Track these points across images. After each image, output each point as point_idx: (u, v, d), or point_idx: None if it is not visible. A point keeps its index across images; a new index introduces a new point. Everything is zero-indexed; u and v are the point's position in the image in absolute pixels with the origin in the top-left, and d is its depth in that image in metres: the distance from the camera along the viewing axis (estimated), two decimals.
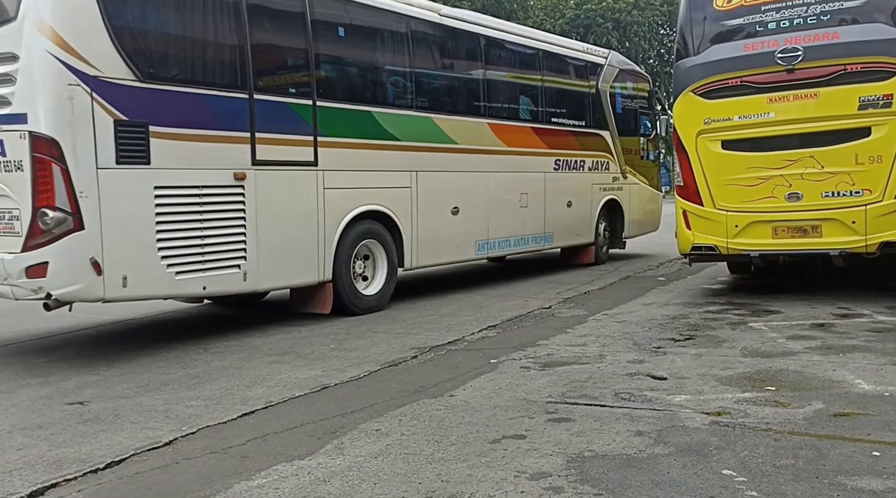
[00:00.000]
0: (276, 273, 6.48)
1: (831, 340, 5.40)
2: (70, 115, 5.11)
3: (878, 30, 6.50)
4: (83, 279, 5.24)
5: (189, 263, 5.80)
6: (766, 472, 3.05)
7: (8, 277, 5.24)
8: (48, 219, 5.08)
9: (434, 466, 3.27)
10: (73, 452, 3.65)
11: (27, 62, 5.11)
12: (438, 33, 8.27)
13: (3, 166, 5.27)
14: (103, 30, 5.26)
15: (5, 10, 5.23)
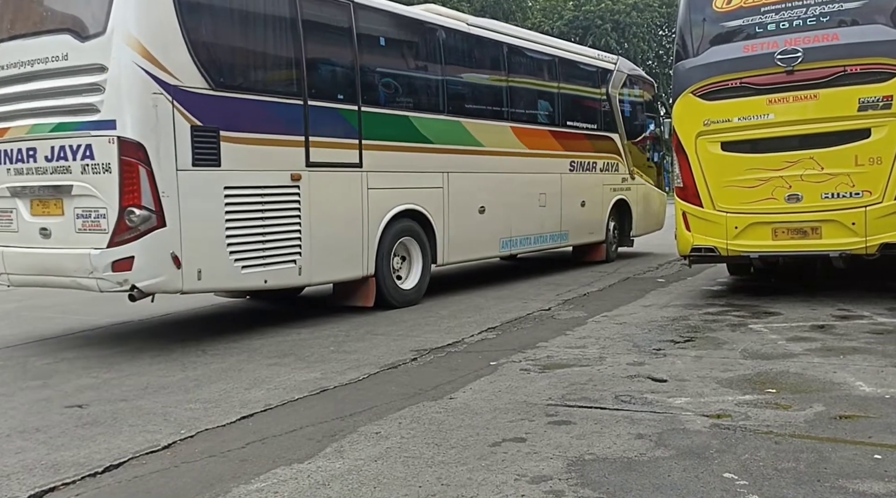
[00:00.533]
0: (326, 268, 6.89)
1: (832, 342, 5.39)
2: (154, 121, 5.56)
3: (877, 31, 6.50)
4: (165, 272, 5.69)
5: (253, 258, 6.23)
6: (768, 475, 3.04)
7: (94, 271, 5.63)
8: (134, 217, 5.52)
9: (434, 469, 3.26)
10: (72, 455, 3.64)
11: (116, 73, 5.51)
12: (466, 42, 8.79)
13: (90, 169, 5.65)
14: (182, 43, 5.72)
15: (95, 25, 5.60)
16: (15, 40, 6.03)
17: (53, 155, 5.81)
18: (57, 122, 5.79)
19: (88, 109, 5.63)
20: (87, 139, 5.64)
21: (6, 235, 6.24)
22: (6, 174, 6.14)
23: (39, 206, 6.02)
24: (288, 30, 6.57)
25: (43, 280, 6.21)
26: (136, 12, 5.55)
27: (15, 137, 6.04)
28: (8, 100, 6.08)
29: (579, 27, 50.23)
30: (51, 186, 5.89)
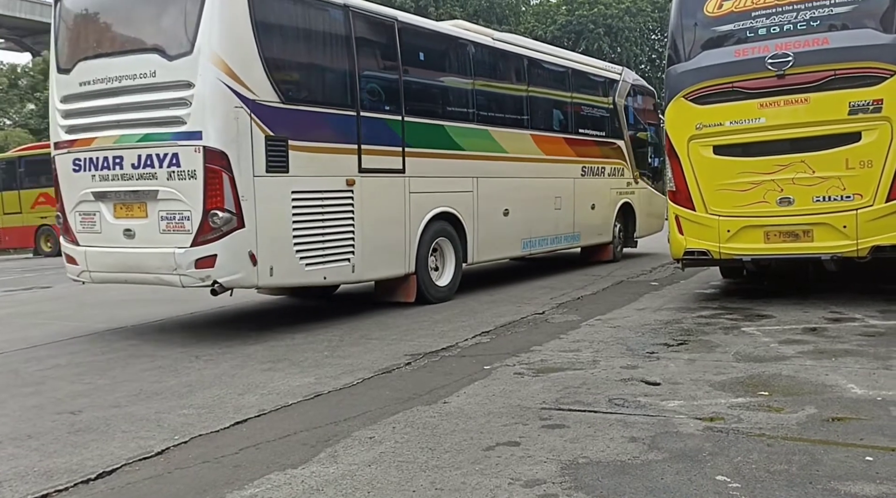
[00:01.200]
0: (374, 266, 7.47)
1: (824, 345, 5.41)
2: (235, 132, 6.12)
3: (867, 35, 6.54)
4: (243, 269, 6.23)
5: (314, 256, 6.78)
6: (760, 477, 3.05)
7: (178, 268, 6.20)
8: (217, 219, 6.07)
9: (428, 473, 3.26)
10: (65, 462, 3.63)
11: (202, 88, 6.06)
12: (492, 56, 9.44)
13: (176, 175, 6.19)
14: (258, 61, 6.29)
15: (182, 46, 6.16)
16: (101, 58, 6.55)
17: (140, 163, 6.35)
18: (144, 133, 6.32)
19: (175, 121, 6.17)
20: (173, 148, 6.17)
21: (89, 236, 6.81)
22: (91, 180, 6.68)
23: (123, 209, 6.57)
24: (343, 47, 7.17)
25: (124, 277, 6.76)
26: (220, 35, 6.11)
27: (101, 146, 6.56)
28: (94, 112, 6.61)
29: (572, 31, 50.37)
30: (136, 191, 6.41)
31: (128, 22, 6.66)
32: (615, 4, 50.01)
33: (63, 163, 6.90)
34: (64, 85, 6.85)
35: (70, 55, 6.84)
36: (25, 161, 24.61)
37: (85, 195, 6.76)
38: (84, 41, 6.78)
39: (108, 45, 6.60)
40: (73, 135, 6.80)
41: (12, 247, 25.37)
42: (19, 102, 45.01)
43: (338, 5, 7.16)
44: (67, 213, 6.98)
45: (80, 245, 6.92)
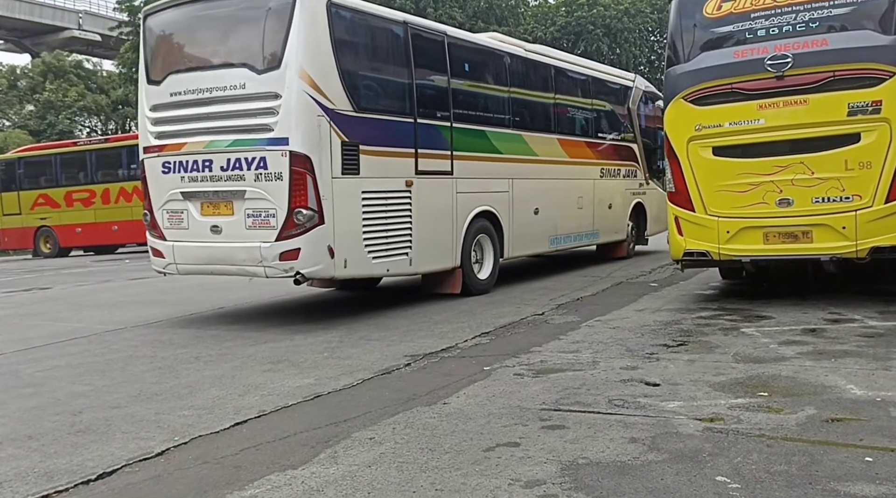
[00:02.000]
0: (428, 260, 8.11)
1: (823, 346, 5.41)
2: (318, 138, 6.76)
3: (866, 36, 6.54)
4: (323, 261, 6.84)
5: (380, 250, 7.41)
6: (760, 478, 3.05)
7: (263, 260, 6.83)
8: (301, 216, 6.68)
9: (428, 474, 3.27)
10: (65, 463, 3.63)
11: (288, 99, 6.71)
12: (524, 65, 10.14)
13: (263, 177, 6.81)
14: (337, 74, 6.95)
15: (271, 62, 6.83)
16: (193, 72, 7.23)
17: (229, 166, 6.97)
18: (233, 139, 6.95)
19: (263, 129, 6.79)
20: (261, 152, 6.80)
21: (177, 232, 7.44)
22: (180, 181, 7.30)
23: (210, 208, 7.21)
24: (403, 60, 7.89)
25: (210, 269, 7.44)
26: (305, 51, 6.76)
27: (191, 151, 7.19)
28: (184, 120, 7.26)
29: (571, 33, 50.38)
30: (224, 191, 7.04)
31: (218, 40, 7.35)
32: (614, 6, 50.01)
33: (152, 165, 7.52)
34: (154, 95, 7.52)
35: (160, 69, 7.53)
36: (25, 162, 24.61)
37: (173, 194, 7.39)
38: (174, 56, 7.56)
39: (200, 60, 7.32)
40: (163, 140, 7.43)
41: (11, 248, 25.36)
42: (18, 103, 44.97)
43: (398, 22, 7.96)
44: (155, 211, 7.59)
45: (168, 240, 7.55)
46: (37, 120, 41.51)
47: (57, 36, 49.80)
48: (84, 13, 51.13)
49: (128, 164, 23.06)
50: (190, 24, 7.60)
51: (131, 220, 22.34)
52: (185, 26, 7.64)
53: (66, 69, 44.12)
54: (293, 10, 6.70)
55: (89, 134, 42.83)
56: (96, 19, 50.90)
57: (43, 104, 41.56)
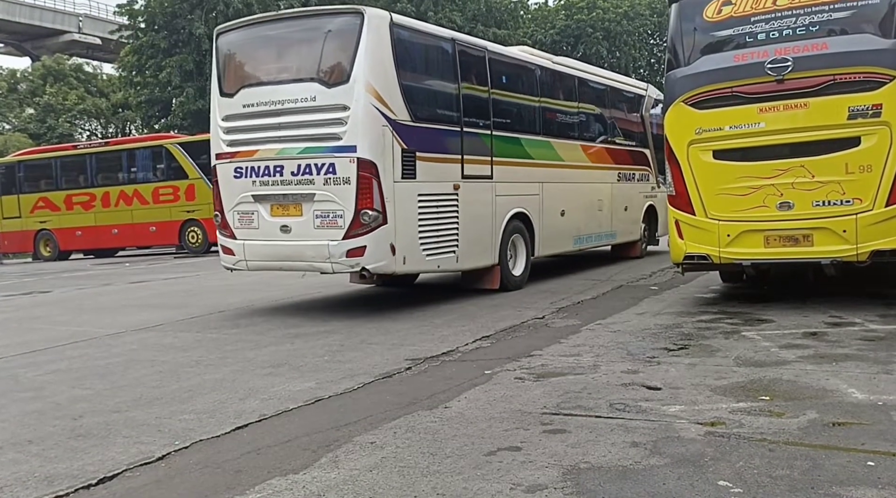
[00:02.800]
0: (471, 257, 8.69)
1: (824, 349, 5.41)
2: (382, 146, 7.38)
3: (866, 40, 6.54)
4: (386, 258, 7.44)
5: (432, 248, 8.02)
6: (762, 483, 3.05)
7: (330, 257, 7.44)
8: (367, 217, 7.28)
9: (429, 479, 3.26)
10: (65, 467, 3.62)
11: (356, 111, 7.32)
12: (552, 77, 10.86)
13: (332, 181, 7.42)
14: (398, 88, 7.59)
15: (340, 76, 7.49)
16: (265, 86, 7.87)
17: (299, 171, 7.57)
18: (304, 147, 7.55)
19: (332, 137, 7.40)
20: (330, 159, 7.40)
21: (247, 232, 8.00)
22: (251, 185, 7.89)
23: (279, 209, 7.79)
24: (451, 74, 8.54)
25: (278, 265, 8.05)
26: (371, 67, 7.38)
27: (263, 158, 7.79)
28: (256, 129, 7.87)
29: (571, 36, 50.41)
30: (294, 194, 7.64)
31: (288, 57, 8.01)
32: (613, 9, 50.06)
33: (224, 170, 8.12)
34: (226, 106, 8.13)
35: (233, 82, 8.18)
36: (24, 166, 24.61)
37: (244, 197, 7.95)
38: (246, 71, 8.27)
39: (271, 75, 7.95)
40: (235, 148, 8.02)
41: (11, 251, 25.34)
42: (18, 107, 45.00)
43: (447, 39, 8.70)
44: (226, 212, 8.14)
45: (238, 239, 8.09)
46: (37, 123, 41.52)
47: (57, 39, 49.85)
48: (84, 17, 51.19)
49: (128, 167, 23.09)
50: (261, 42, 8.28)
51: (131, 223, 22.38)
52: (257, 44, 8.32)
53: (66, 73, 44.16)
54: (361, 30, 7.37)
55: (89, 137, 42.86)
56: (96, 23, 50.96)
57: (43, 107, 41.58)
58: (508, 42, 41.63)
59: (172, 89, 35.97)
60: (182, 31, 35.30)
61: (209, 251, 21.77)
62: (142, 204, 22.16)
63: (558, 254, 11.39)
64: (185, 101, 35.19)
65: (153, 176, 22.51)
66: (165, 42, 35.38)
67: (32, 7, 48.69)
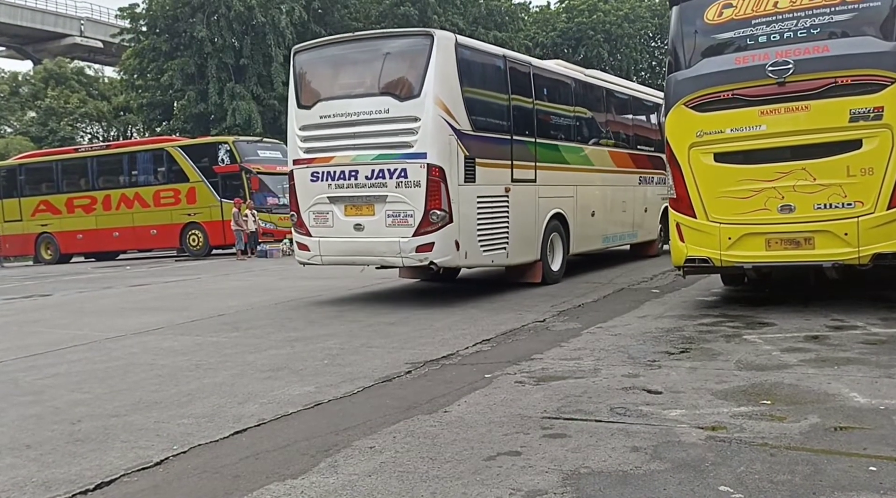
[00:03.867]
0: (519, 253, 9.50)
1: (826, 353, 5.38)
2: (449, 153, 8.24)
3: (867, 43, 6.53)
4: (451, 253, 8.31)
5: (488, 244, 8.87)
6: (763, 488, 3.03)
7: (401, 252, 8.29)
8: (435, 216, 8.14)
9: (429, 484, 3.24)
10: (63, 472, 3.61)
11: (426, 122, 8.18)
12: (584, 88, 11.79)
13: (403, 184, 8.26)
14: (462, 102, 8.48)
15: (411, 91, 8.34)
16: (341, 99, 8.70)
17: (373, 175, 8.39)
18: (378, 154, 8.37)
19: (404, 145, 8.23)
20: (402, 165, 8.24)
21: (322, 230, 8.82)
22: (327, 188, 8.71)
23: (353, 210, 8.62)
24: (503, 87, 9.42)
25: (351, 260, 8.95)
26: (440, 83, 8.24)
27: (339, 163, 8.61)
28: (333, 138, 8.68)
29: (572, 38, 50.42)
30: (368, 196, 8.48)
31: (363, 73, 8.82)
32: (614, 11, 50.08)
33: (301, 175, 8.95)
34: (304, 117, 8.96)
35: (309, 96, 9.02)
36: (26, 169, 24.66)
37: (320, 199, 8.76)
38: (322, 86, 9.07)
39: (347, 90, 8.78)
40: (312, 154, 8.86)
41: (13, 254, 25.36)
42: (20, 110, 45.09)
43: (500, 56, 9.60)
44: (302, 212, 8.95)
45: (313, 236, 8.90)
46: (38, 126, 41.59)
47: (59, 43, 49.96)
48: (86, 20, 51.30)
49: (129, 170, 23.12)
50: (337, 60, 9.16)
51: (132, 226, 22.41)
52: (333, 62, 9.19)
53: (68, 76, 44.27)
54: (431, 50, 8.24)
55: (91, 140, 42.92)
56: (98, 26, 51.07)
57: (44, 111, 41.66)
58: (509, 44, 41.69)
59: (174, 92, 36.03)
60: (183, 35, 35.37)
61: (210, 254, 21.79)
62: (143, 207, 22.20)
63: (588, 252, 11.96)
64: (187, 104, 35.25)
65: (154, 179, 22.54)
66: (167, 45, 35.44)
67: (34, 10, 48.79)
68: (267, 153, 22.14)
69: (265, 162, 21.64)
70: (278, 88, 34.68)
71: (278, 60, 34.66)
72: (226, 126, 33.70)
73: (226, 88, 34.54)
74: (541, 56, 48.16)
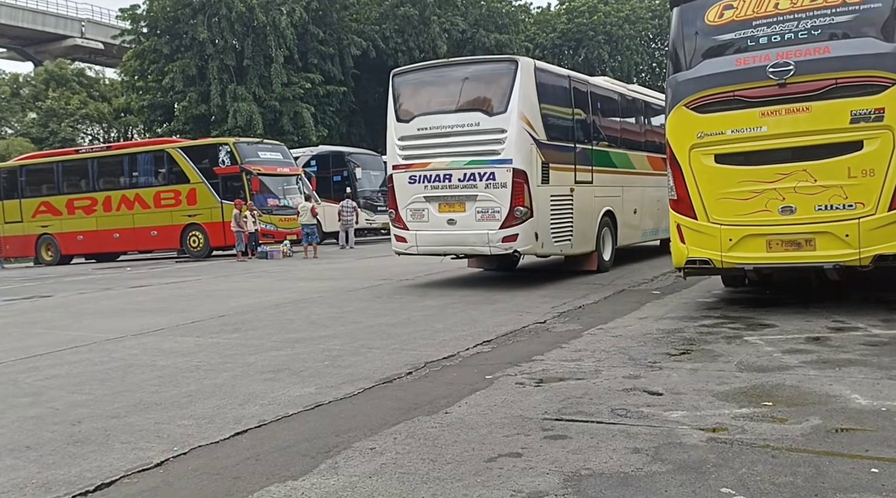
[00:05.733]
0: (580, 244, 11.00)
1: (827, 354, 5.38)
2: (530, 159, 9.78)
3: (868, 44, 6.52)
4: (531, 243, 9.84)
5: (558, 236, 10.40)
6: (765, 490, 3.02)
7: (489, 242, 9.81)
8: (519, 212, 9.63)
9: (429, 485, 3.23)
10: (63, 473, 3.60)
11: (511, 133, 9.68)
12: (627, 100, 13.51)
13: (491, 186, 9.75)
14: (539, 115, 10.03)
15: (499, 108, 9.86)
16: (436, 114, 10.22)
17: (465, 178, 9.89)
18: (469, 159, 9.87)
19: (493, 153, 9.73)
20: (491, 169, 9.73)
21: (419, 224, 10.29)
22: (423, 189, 10.18)
23: (446, 207, 10.09)
24: (568, 103, 10.97)
25: (443, 249, 10.55)
26: (523, 101, 9.76)
27: (435, 168, 10.09)
28: (429, 147, 10.17)
29: (572, 39, 50.44)
30: (460, 196, 9.95)
31: (456, 93, 10.24)
32: (614, 13, 50.10)
33: (399, 178, 10.41)
34: (402, 130, 10.45)
35: (408, 111, 10.50)
36: (27, 170, 24.66)
37: (417, 198, 10.25)
38: (419, 103, 10.50)
39: (442, 106, 10.27)
40: (409, 161, 10.33)
41: (13, 256, 25.36)
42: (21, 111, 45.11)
43: (565, 76, 11.27)
44: (399, 210, 10.43)
45: (410, 230, 10.37)
46: (39, 128, 41.61)
47: (59, 44, 50.02)
48: (87, 21, 51.36)
49: (130, 171, 23.11)
50: (432, 81, 10.76)
51: (133, 227, 22.39)
52: (429, 83, 10.76)
53: (69, 77, 44.28)
54: (516, 73, 9.79)
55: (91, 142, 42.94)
56: (99, 27, 51.13)
57: (45, 112, 41.68)
58: (509, 45, 41.69)
59: (174, 94, 36.03)
60: (185, 37, 35.38)
61: (210, 256, 21.78)
62: (143, 208, 22.18)
63: (630, 245, 13.10)
64: (188, 105, 35.23)
65: (155, 180, 22.53)
66: (168, 48, 35.44)
67: (35, 12, 48.85)
68: (267, 154, 22.13)
69: (266, 163, 21.63)
70: (278, 89, 34.69)
71: (279, 61, 34.67)
72: (227, 127, 33.71)
73: (227, 90, 34.55)
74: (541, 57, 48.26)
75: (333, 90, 37.32)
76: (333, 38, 37.83)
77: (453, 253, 10.78)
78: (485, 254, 10.28)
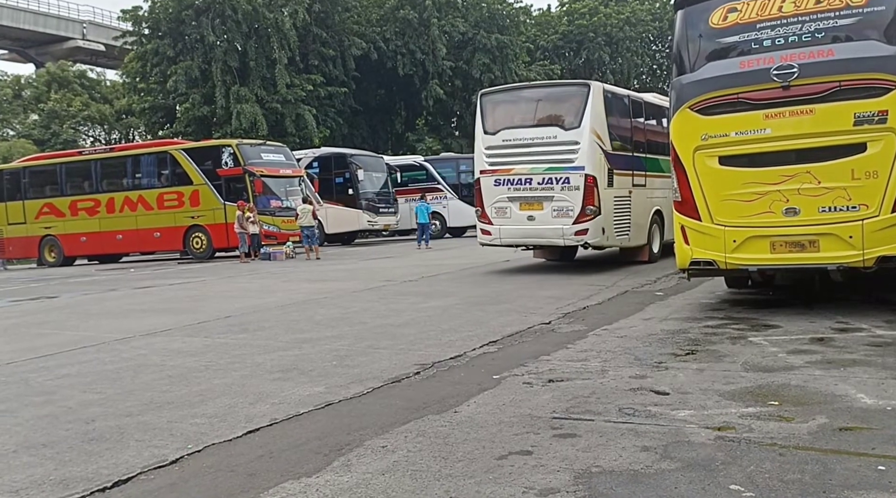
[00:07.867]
0: (635, 238, 12.73)
1: (832, 355, 5.42)
2: (599, 166, 11.52)
3: (872, 47, 6.57)
4: (599, 236, 11.61)
5: (618, 231, 12.11)
6: (774, 487, 3.07)
7: (564, 235, 11.61)
8: (590, 210, 11.40)
9: (442, 482, 3.28)
10: (80, 470, 3.65)
11: (584, 145, 11.44)
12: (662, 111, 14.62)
13: (566, 188, 11.53)
14: (606, 129, 11.75)
15: (573, 123, 11.64)
16: (519, 129, 12.03)
17: (543, 182, 11.70)
18: (547, 166, 11.65)
19: (568, 161, 11.51)
20: (566, 174, 11.53)
21: (501, 220, 12.08)
22: (507, 190, 12.00)
23: (526, 206, 11.87)
24: (627, 117, 12.90)
25: (523, 241, 12.54)
26: (594, 117, 11.51)
27: (518, 173, 11.89)
28: (513, 155, 11.95)
29: (573, 41, 50.51)
30: (539, 196, 11.75)
31: (537, 110, 12.15)
32: (615, 15, 50.15)
33: (486, 181, 12.21)
34: (489, 141, 12.24)
35: (494, 125, 12.28)
36: (29, 172, 24.74)
37: (501, 198, 12.05)
38: (504, 118, 12.30)
39: (524, 121, 12.10)
40: (495, 167, 12.12)
41: (16, 257, 25.42)
42: (23, 113, 45.19)
43: (626, 95, 13.32)
44: (485, 208, 12.21)
45: (495, 224, 12.14)
46: (41, 129, 41.71)
47: (61, 46, 50.10)
48: (88, 23, 51.45)
49: (133, 173, 23.17)
50: (516, 100, 12.78)
51: (136, 229, 22.46)
52: (512, 101, 12.78)
53: (70, 79, 44.38)
54: (588, 94, 11.60)
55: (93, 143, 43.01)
56: (100, 29, 51.21)
57: (47, 114, 41.77)
58: (510, 47, 41.73)
59: (177, 96, 36.09)
60: (188, 38, 35.45)
61: (213, 257, 21.84)
62: (146, 210, 22.25)
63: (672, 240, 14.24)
64: (191, 107, 35.30)
65: (158, 182, 22.60)
66: (171, 50, 35.49)
67: (36, 14, 48.94)
68: (270, 156, 22.21)
69: (269, 165, 21.70)
70: (282, 90, 34.76)
71: (282, 62, 34.74)
72: (231, 129, 33.77)
73: (231, 92, 34.61)
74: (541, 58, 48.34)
75: (335, 91, 37.41)
76: (335, 39, 37.92)
77: (531, 244, 12.83)
78: (559, 245, 12.08)
